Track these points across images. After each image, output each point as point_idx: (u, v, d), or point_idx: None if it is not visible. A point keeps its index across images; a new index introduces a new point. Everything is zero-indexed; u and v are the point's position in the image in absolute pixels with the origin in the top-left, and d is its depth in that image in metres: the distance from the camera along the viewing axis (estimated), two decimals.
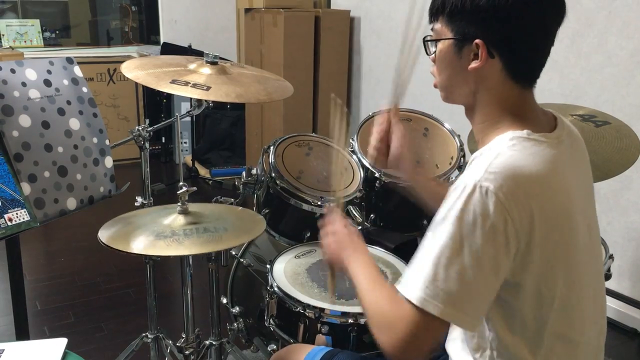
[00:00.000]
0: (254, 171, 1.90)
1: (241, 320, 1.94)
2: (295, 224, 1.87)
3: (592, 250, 1.09)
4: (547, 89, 2.77)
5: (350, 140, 2.01)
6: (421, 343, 0.98)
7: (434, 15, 1.06)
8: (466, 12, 1.00)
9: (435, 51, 1.08)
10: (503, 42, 1.00)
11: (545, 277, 0.99)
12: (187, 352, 1.81)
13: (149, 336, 1.90)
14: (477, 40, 1.00)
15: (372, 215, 1.99)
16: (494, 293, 0.97)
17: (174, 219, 1.50)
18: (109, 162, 1.63)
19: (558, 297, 1.00)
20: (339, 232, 1.26)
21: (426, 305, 0.93)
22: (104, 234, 1.42)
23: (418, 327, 0.95)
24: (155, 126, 1.81)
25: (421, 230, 1.93)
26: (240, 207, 1.70)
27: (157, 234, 1.41)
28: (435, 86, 1.12)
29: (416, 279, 0.95)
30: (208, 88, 1.54)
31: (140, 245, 1.38)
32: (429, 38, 1.09)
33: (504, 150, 0.97)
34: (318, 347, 1.33)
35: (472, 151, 1.87)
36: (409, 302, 0.95)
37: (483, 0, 0.97)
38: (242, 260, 1.98)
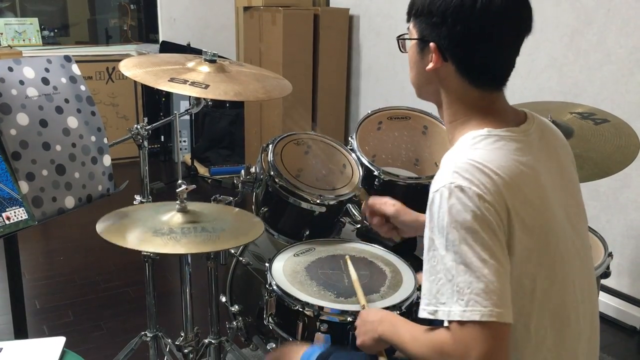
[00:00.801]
0: (252, 169, 1.90)
1: (240, 318, 1.94)
2: (294, 222, 1.86)
3: (577, 244, 1.09)
4: (547, 87, 2.77)
5: (350, 139, 2.01)
6: (494, 354, 0.92)
7: (408, 14, 1.12)
8: (424, 15, 1.05)
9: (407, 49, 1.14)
10: (452, 47, 1.03)
11: (525, 269, 0.99)
12: (186, 351, 1.81)
13: (148, 335, 1.90)
14: (431, 44, 1.05)
15: None
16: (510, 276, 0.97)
17: (172, 216, 1.49)
18: (107, 160, 1.62)
19: (538, 289, 1.00)
20: (362, 321, 1.27)
21: (468, 316, 0.91)
22: (101, 227, 1.42)
23: (477, 341, 0.91)
24: (153, 124, 1.80)
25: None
26: (238, 209, 1.69)
27: (155, 231, 1.41)
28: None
29: (448, 301, 0.93)
30: (207, 86, 1.54)
31: (137, 240, 1.37)
32: (402, 36, 1.15)
33: (465, 150, 1.00)
34: (314, 346, 1.33)
35: None
36: (456, 322, 0.93)
37: (435, 6, 1.02)
38: (241, 258, 1.98)
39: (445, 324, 0.97)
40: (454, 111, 1.09)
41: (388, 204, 1.53)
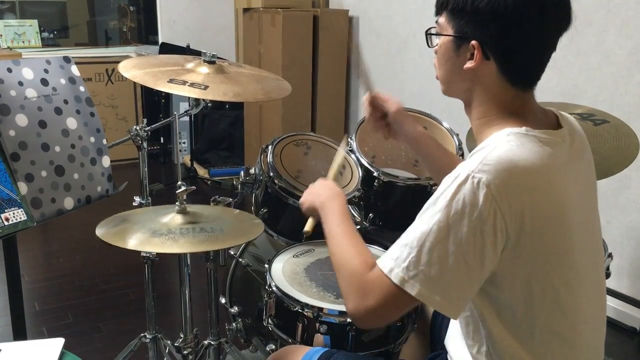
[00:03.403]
0: (252, 171, 1.90)
1: (240, 320, 1.94)
2: (293, 223, 1.86)
3: (592, 250, 1.08)
4: (546, 88, 2.76)
5: (349, 140, 2.01)
6: (387, 315, 1.03)
7: (438, 8, 1.07)
8: (466, 12, 1.00)
9: (436, 44, 1.09)
10: (499, 45, 1.00)
11: (537, 273, 0.98)
12: (185, 352, 1.81)
13: (147, 336, 1.89)
14: (473, 41, 1.01)
15: (370, 214, 1.98)
16: (478, 283, 0.97)
17: (171, 217, 1.49)
18: (106, 161, 1.62)
19: (551, 294, 1.00)
20: (316, 184, 1.32)
21: (404, 283, 0.95)
22: (101, 230, 1.42)
23: (389, 300, 0.98)
24: (153, 125, 1.80)
25: None
26: (238, 210, 1.69)
27: (154, 232, 1.41)
28: (437, 78, 1.13)
29: (399, 256, 0.97)
30: (206, 87, 1.54)
31: (135, 241, 1.37)
32: (432, 31, 1.10)
33: (501, 144, 0.97)
34: (315, 348, 1.33)
35: (470, 149, 1.87)
36: (387, 277, 0.97)
37: (483, 3, 0.98)
38: (240, 260, 1.98)
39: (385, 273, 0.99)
40: (487, 108, 1.06)
41: (391, 102, 1.45)
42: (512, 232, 0.94)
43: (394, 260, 0.98)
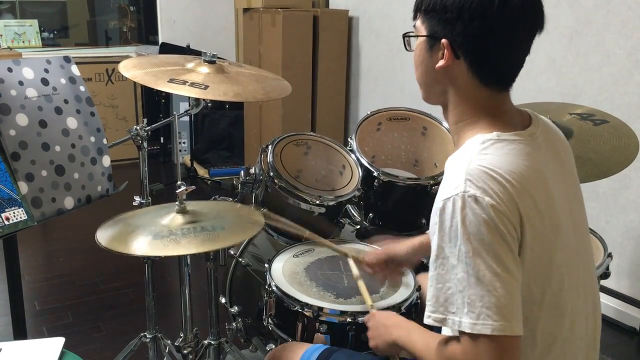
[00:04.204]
0: (252, 170, 1.90)
1: (240, 319, 1.94)
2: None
3: (579, 246, 1.09)
4: (546, 88, 2.77)
5: (349, 139, 2.01)
6: None
7: (415, 12, 1.09)
8: (436, 11, 1.02)
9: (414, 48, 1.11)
10: (467, 44, 1.01)
11: (536, 275, 0.99)
12: (185, 352, 1.81)
13: (147, 336, 1.90)
14: (443, 40, 1.02)
15: (370, 214, 1.98)
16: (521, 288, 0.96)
17: (172, 218, 1.49)
18: (106, 161, 1.62)
19: (549, 295, 1.00)
20: (372, 324, 1.28)
21: (479, 329, 0.91)
22: (102, 236, 1.41)
23: (490, 354, 0.92)
24: (153, 125, 1.80)
25: (420, 229, 1.93)
26: (239, 204, 1.69)
27: (155, 235, 1.41)
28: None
29: (458, 311, 0.93)
30: (206, 87, 1.54)
31: (138, 246, 1.37)
32: (409, 34, 1.12)
33: (475, 155, 0.98)
34: (315, 345, 1.33)
35: None
36: (467, 334, 0.93)
37: (449, 1, 0.99)
38: (240, 259, 1.98)
39: (455, 333, 0.96)
40: (461, 111, 1.07)
41: (371, 255, 1.53)
42: (518, 235, 0.94)
43: (457, 318, 0.93)
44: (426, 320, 0.99)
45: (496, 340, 0.91)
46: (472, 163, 0.96)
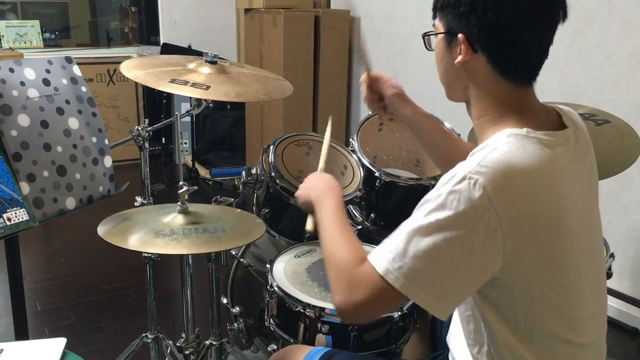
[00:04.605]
0: (253, 171, 1.90)
1: (241, 320, 1.94)
2: (295, 224, 1.86)
3: (592, 251, 1.07)
4: (548, 88, 2.76)
5: (351, 140, 2.01)
6: (374, 309, 1.03)
7: (433, 10, 1.08)
8: (451, 7, 1.02)
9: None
10: (483, 36, 0.99)
11: (537, 276, 0.98)
12: (187, 352, 1.81)
13: (149, 336, 1.90)
14: (459, 35, 1.01)
15: (372, 214, 1.98)
16: (465, 284, 0.96)
17: (173, 218, 1.49)
18: (108, 161, 1.62)
19: (551, 296, 0.99)
20: (312, 177, 1.32)
21: (389, 275, 0.95)
22: (102, 229, 1.42)
23: (376, 295, 0.97)
24: (154, 126, 1.81)
25: None
26: (240, 210, 1.69)
27: (156, 232, 1.41)
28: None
29: (387, 249, 0.97)
30: (207, 87, 1.54)
31: (139, 241, 1.37)
32: (428, 33, 1.11)
33: (501, 145, 0.96)
34: (317, 347, 1.33)
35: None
36: (375, 269, 0.97)
37: None
38: (242, 260, 1.98)
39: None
40: (484, 106, 1.05)
41: (388, 85, 1.49)
42: (509, 235, 0.92)
43: (382, 252, 0.98)
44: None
45: (388, 286, 0.95)
46: (492, 152, 0.94)
